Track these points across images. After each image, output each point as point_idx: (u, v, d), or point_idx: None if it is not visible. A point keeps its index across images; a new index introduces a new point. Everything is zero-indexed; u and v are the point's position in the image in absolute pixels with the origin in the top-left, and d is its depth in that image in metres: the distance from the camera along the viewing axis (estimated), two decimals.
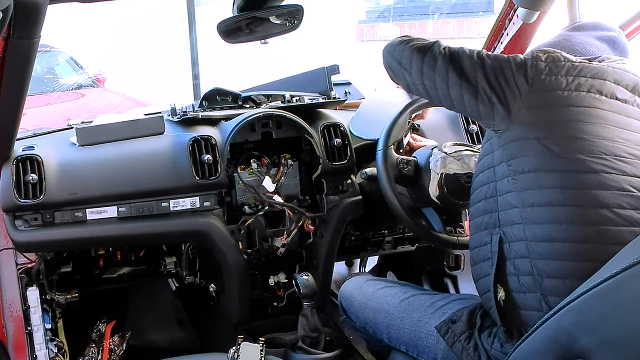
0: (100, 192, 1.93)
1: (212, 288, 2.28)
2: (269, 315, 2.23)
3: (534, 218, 1.37)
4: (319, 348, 1.91)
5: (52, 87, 4.92)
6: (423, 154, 2.01)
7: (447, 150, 1.93)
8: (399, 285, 1.80)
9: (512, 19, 2.18)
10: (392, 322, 1.70)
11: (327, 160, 2.13)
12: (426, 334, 1.61)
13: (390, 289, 1.79)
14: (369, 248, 2.45)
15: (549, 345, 1.23)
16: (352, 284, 1.90)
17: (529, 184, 1.39)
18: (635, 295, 1.08)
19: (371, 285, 1.84)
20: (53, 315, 2.13)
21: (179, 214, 2.00)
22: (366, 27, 6.69)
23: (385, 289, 1.79)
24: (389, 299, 1.75)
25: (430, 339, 1.60)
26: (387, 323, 1.72)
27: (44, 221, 1.90)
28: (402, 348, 1.69)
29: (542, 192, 1.36)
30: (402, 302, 1.71)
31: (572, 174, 1.34)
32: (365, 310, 1.80)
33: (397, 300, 1.72)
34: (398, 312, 1.70)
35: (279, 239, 2.13)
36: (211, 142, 2.03)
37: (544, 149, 1.36)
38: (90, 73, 6.09)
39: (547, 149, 1.36)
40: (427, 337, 1.61)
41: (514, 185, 1.41)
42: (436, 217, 1.99)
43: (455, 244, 1.95)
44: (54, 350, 2.04)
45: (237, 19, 1.75)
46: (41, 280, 2.05)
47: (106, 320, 2.40)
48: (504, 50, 2.27)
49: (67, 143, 2.04)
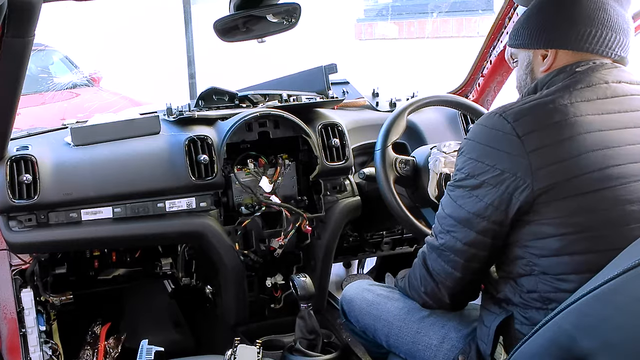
0: (95, 193, 1.91)
1: (208, 289, 2.26)
2: (266, 317, 2.22)
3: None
4: (316, 350, 1.89)
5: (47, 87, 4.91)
6: (422, 154, 1.99)
7: (445, 150, 1.92)
8: (397, 294, 1.77)
9: (512, 17, 2.17)
10: (391, 330, 1.69)
11: (325, 160, 2.11)
12: (424, 346, 1.61)
13: (390, 296, 1.77)
14: (367, 249, 2.44)
15: (549, 347, 1.22)
16: (353, 289, 1.89)
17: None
18: (635, 297, 1.08)
19: (372, 292, 1.82)
20: (47, 317, 2.12)
21: (175, 214, 1.99)
22: (364, 26, 6.70)
23: (385, 297, 1.77)
24: (389, 307, 1.73)
25: (428, 351, 1.60)
26: (386, 331, 1.71)
27: (38, 222, 1.88)
28: (401, 355, 1.69)
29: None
30: (401, 311, 1.69)
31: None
32: (365, 316, 1.79)
33: (396, 310, 1.71)
34: (397, 321, 1.69)
35: (276, 240, 2.12)
36: (207, 142, 2.01)
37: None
38: (85, 72, 6.07)
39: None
40: (425, 350, 1.61)
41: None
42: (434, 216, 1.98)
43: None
44: (48, 353, 2.02)
45: (233, 17, 1.73)
46: (35, 282, 2.04)
47: (101, 322, 2.39)
48: (503, 49, 2.26)
49: (62, 143, 2.03)
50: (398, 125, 1.99)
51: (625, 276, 1.08)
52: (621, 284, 1.09)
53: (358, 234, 2.35)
